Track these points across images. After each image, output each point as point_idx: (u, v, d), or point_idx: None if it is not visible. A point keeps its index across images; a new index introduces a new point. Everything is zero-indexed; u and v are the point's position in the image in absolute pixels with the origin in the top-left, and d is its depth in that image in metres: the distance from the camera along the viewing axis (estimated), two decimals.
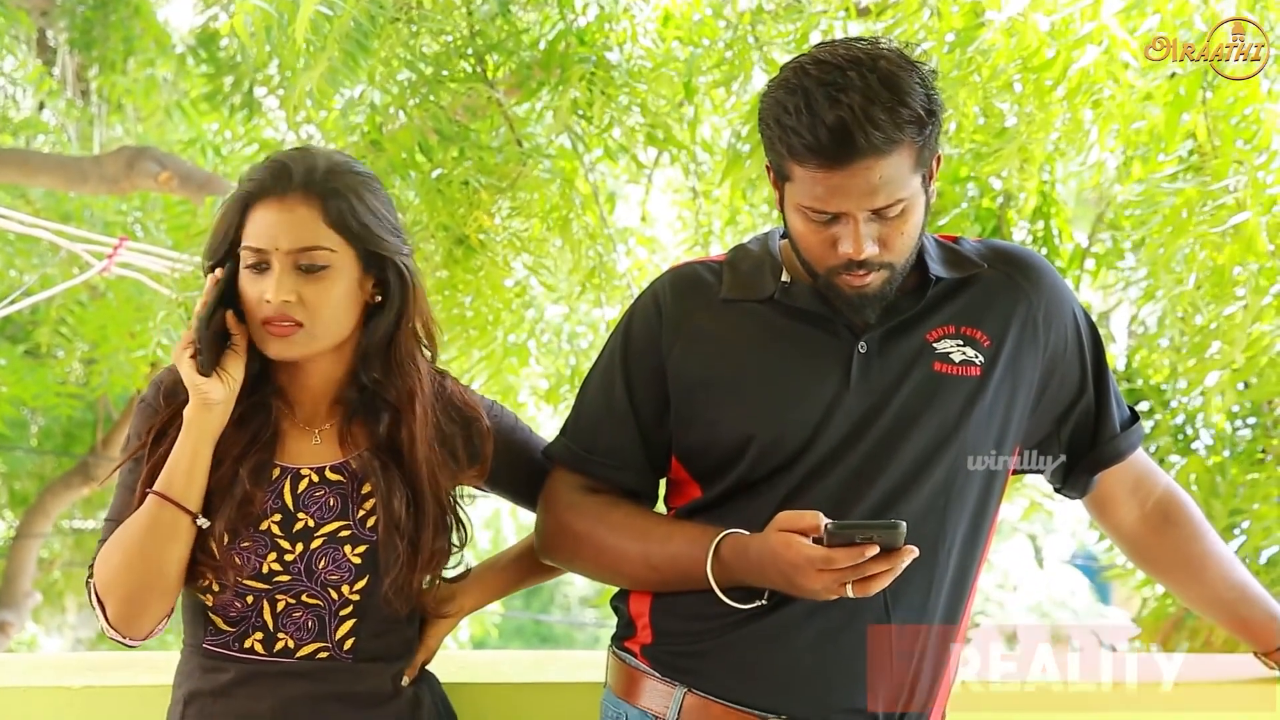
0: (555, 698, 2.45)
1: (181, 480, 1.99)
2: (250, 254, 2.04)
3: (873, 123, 1.90)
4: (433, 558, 2.09)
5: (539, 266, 4.44)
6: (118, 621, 2.01)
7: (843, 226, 1.96)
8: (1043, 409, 2.14)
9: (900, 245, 1.99)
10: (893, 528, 1.84)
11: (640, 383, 2.12)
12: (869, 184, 1.93)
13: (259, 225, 2.03)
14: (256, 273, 2.03)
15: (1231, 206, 3.63)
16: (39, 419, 9.33)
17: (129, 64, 7.67)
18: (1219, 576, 2.33)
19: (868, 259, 1.97)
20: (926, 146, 1.97)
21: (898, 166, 1.94)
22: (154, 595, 1.99)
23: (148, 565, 1.98)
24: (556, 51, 4.23)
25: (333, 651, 2.06)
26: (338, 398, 2.11)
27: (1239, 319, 3.74)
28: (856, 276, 1.99)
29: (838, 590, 1.90)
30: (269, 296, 2.01)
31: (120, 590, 1.99)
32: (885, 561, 1.86)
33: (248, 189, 2.05)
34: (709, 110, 4.90)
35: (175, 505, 1.98)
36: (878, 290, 2.01)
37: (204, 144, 7.77)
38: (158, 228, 7.38)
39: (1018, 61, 3.56)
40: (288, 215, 2.03)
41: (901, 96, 1.92)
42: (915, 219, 1.99)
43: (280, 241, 2.02)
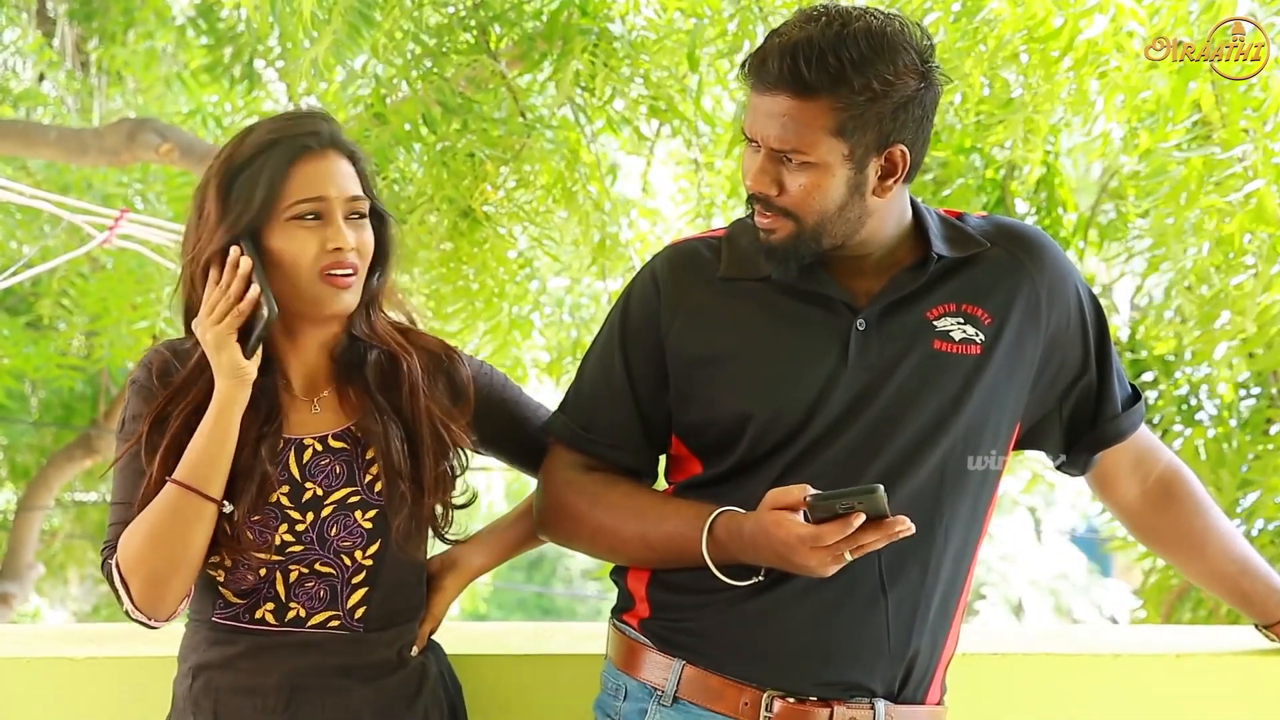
0: (557, 669, 2.45)
1: (208, 467, 1.97)
2: (306, 205, 2.02)
3: (797, 62, 1.91)
4: (437, 482, 2.09)
5: (543, 238, 4.44)
6: (142, 603, 2.01)
7: (756, 156, 1.99)
8: (1044, 387, 2.13)
9: (799, 198, 1.97)
10: (871, 492, 1.83)
11: (639, 360, 2.11)
12: (775, 116, 1.94)
13: (312, 177, 2.02)
14: (307, 224, 2.02)
15: (1241, 175, 3.61)
16: (40, 391, 9.33)
17: (129, 35, 7.66)
18: (1220, 551, 2.33)
19: (765, 197, 1.98)
20: (858, 121, 1.93)
21: (809, 118, 1.93)
22: (178, 577, 2.00)
23: (173, 551, 1.98)
24: (559, 23, 4.21)
25: (344, 620, 2.06)
26: (333, 360, 2.11)
27: (1249, 288, 3.73)
28: (762, 216, 2.01)
29: (835, 564, 1.89)
30: (338, 242, 2.01)
31: (145, 573, 1.99)
32: (875, 531, 1.85)
33: (295, 139, 2.02)
34: (712, 81, 4.88)
35: (200, 495, 1.97)
36: (784, 241, 2.00)
37: (204, 116, 7.76)
38: (158, 199, 7.37)
39: (1024, 31, 3.54)
40: (335, 166, 2.04)
41: (846, 54, 1.91)
42: (824, 185, 1.97)
43: (339, 189, 2.03)
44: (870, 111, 1.93)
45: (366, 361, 2.11)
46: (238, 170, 2.03)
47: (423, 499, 2.07)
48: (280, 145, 2.03)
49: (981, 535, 2.11)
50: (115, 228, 5.88)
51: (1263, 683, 2.53)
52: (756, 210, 2.01)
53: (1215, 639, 2.68)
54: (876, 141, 1.96)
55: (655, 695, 2.06)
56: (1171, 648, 2.60)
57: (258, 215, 2.01)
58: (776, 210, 1.99)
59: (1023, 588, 14.63)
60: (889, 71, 1.93)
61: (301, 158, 2.03)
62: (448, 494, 2.12)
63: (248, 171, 2.02)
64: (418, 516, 2.07)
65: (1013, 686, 2.52)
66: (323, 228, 2.02)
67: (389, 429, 2.07)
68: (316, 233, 2.02)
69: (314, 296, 2.04)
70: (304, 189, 2.02)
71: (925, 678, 2.07)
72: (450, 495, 2.13)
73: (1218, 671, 2.54)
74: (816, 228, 1.99)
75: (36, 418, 9.63)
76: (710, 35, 4.30)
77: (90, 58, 7.96)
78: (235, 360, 1.96)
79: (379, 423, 2.07)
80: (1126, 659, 2.55)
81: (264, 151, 2.03)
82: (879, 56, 1.92)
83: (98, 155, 6.86)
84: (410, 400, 2.09)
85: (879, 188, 2.00)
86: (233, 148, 2.05)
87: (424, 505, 2.08)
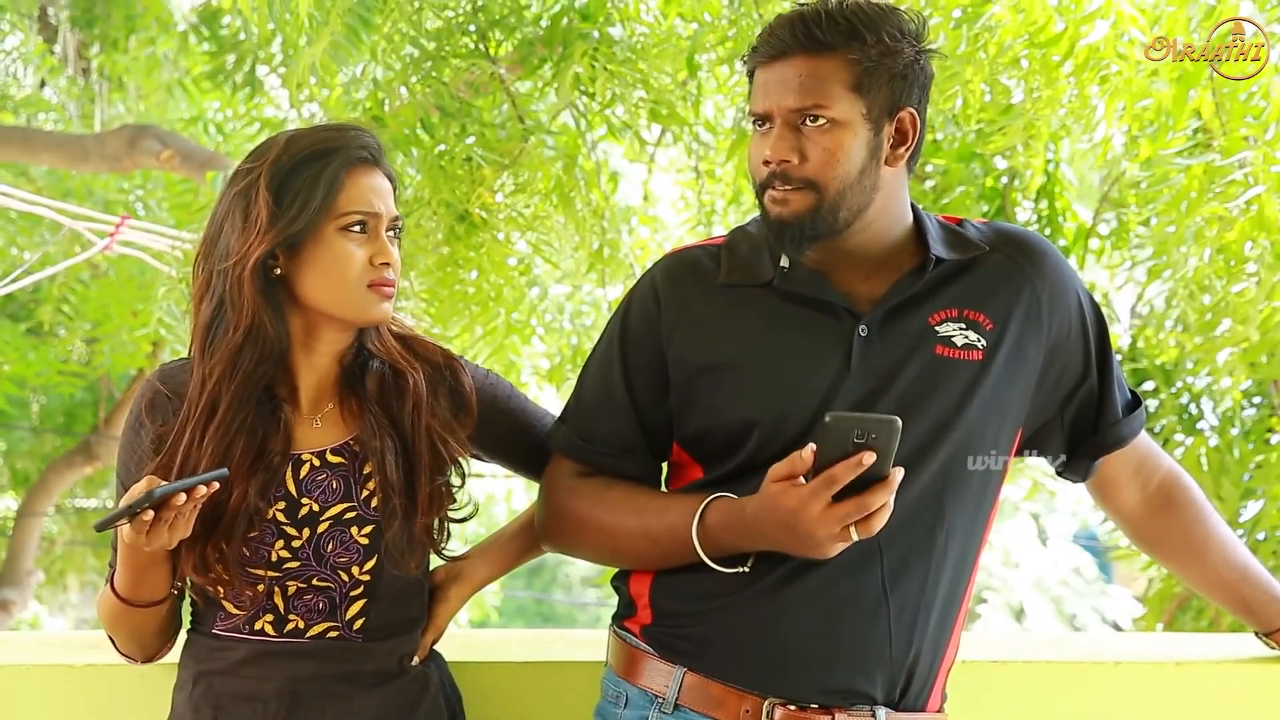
0: (557, 676, 2.45)
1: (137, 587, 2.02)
2: (358, 217, 2.03)
3: (808, 25, 1.96)
4: (431, 500, 2.08)
5: (542, 244, 4.43)
6: (126, 651, 2.16)
7: (769, 135, 2.00)
8: (1045, 393, 2.12)
9: (823, 164, 1.98)
10: (889, 422, 1.82)
11: (639, 370, 2.11)
12: (793, 78, 1.97)
13: (365, 190, 2.04)
14: (356, 235, 2.03)
15: (1242, 183, 3.61)
16: (41, 398, 9.34)
17: (130, 42, 7.67)
18: (1221, 559, 2.32)
19: (786, 170, 1.98)
20: (873, 75, 1.97)
21: (828, 73, 1.96)
22: (153, 640, 2.13)
23: (137, 633, 2.11)
24: (559, 28, 4.21)
25: (342, 631, 2.06)
26: (338, 372, 2.10)
27: (1250, 295, 3.73)
28: (779, 191, 2.00)
29: (841, 535, 1.87)
30: (386, 258, 2.03)
31: (120, 639, 2.14)
32: (881, 490, 1.84)
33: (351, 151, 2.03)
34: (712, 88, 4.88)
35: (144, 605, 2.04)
36: (800, 215, 1.99)
37: (205, 122, 7.77)
38: (159, 206, 7.38)
39: (1024, 37, 3.54)
40: (382, 183, 2.07)
41: (854, 16, 1.97)
42: (846, 145, 1.98)
43: (386, 206, 2.06)
44: (882, 68, 1.97)
45: (369, 371, 2.10)
46: (289, 173, 2.01)
47: (415, 515, 2.06)
48: (336, 153, 2.03)
49: (983, 542, 2.11)
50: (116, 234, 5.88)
51: (1263, 690, 2.53)
52: (773, 187, 2.01)
53: (1216, 646, 2.67)
54: (889, 102, 1.99)
55: (656, 702, 2.06)
56: (1172, 655, 2.59)
57: (314, 219, 2.01)
58: (796, 181, 1.99)
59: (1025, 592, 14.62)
60: (895, 30, 1.98)
61: (357, 168, 2.04)
62: (443, 510, 2.11)
63: (303, 175, 2.01)
64: (410, 532, 2.06)
65: (1013, 694, 2.52)
66: (370, 241, 2.04)
67: (386, 443, 2.06)
68: (365, 246, 2.03)
69: (358, 304, 2.04)
70: (357, 201, 2.03)
71: (926, 685, 2.06)
72: (446, 512, 2.12)
73: (1218, 679, 2.54)
74: (836, 197, 1.99)
75: (37, 424, 9.63)
76: (710, 41, 4.30)
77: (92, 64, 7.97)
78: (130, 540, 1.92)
79: (377, 437, 2.07)
80: (1127, 666, 2.55)
81: (319, 158, 2.02)
82: (883, 18, 1.98)
83: (99, 161, 6.88)
84: (411, 415, 2.08)
85: (891, 155, 2.02)
86: (278, 151, 2.02)
87: (416, 522, 2.06)
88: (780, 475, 1.89)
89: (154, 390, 2.06)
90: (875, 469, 1.83)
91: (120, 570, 2.00)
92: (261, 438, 2.02)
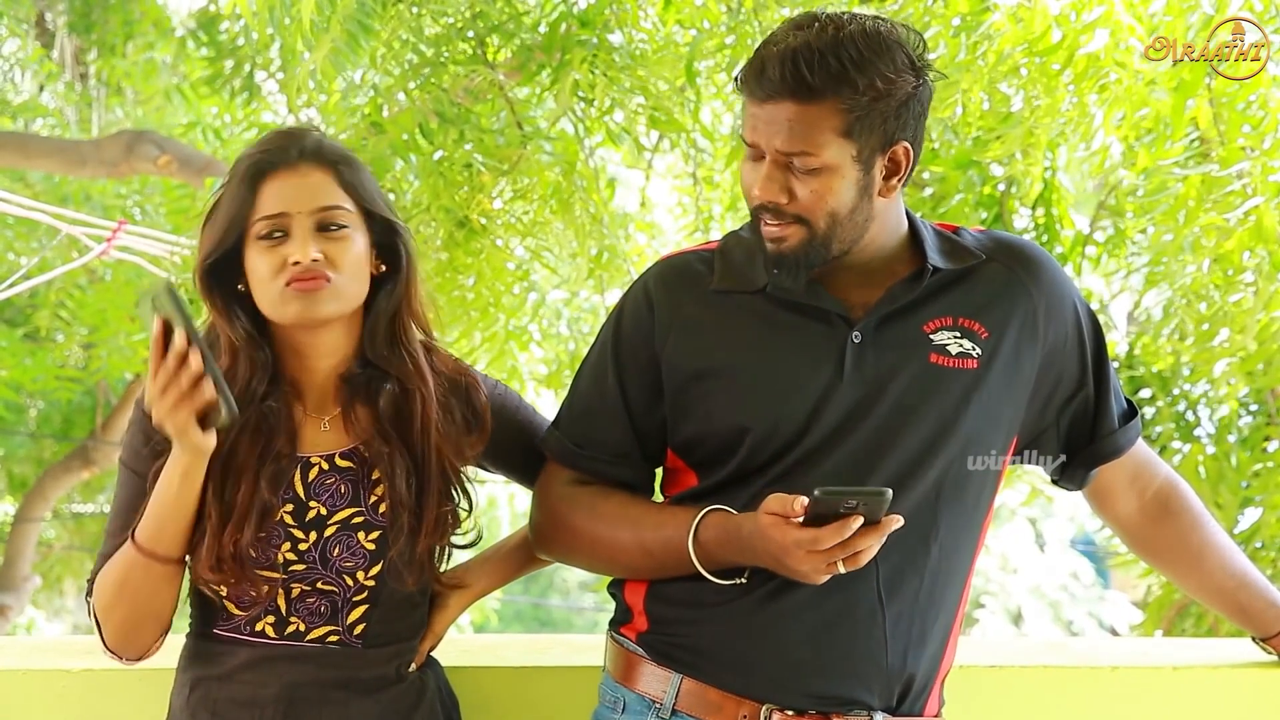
0: (555, 681, 2.45)
1: (171, 530, 1.97)
2: (266, 224, 2.01)
3: (797, 64, 1.91)
4: (437, 524, 2.07)
5: (540, 250, 4.44)
6: (114, 645, 2.04)
7: (760, 166, 1.98)
8: (1041, 402, 2.12)
9: (812, 204, 1.96)
10: (879, 494, 1.82)
11: (633, 376, 2.10)
12: (781, 123, 1.93)
13: (274, 194, 2.02)
14: (272, 243, 2.01)
15: (1240, 193, 3.62)
16: (38, 403, 9.33)
17: (128, 47, 7.67)
18: (1218, 565, 2.32)
19: (776, 206, 1.97)
20: (864, 120, 1.93)
21: (817, 120, 1.92)
22: (148, 625, 2.03)
23: (138, 605, 2.01)
24: (558, 34, 4.21)
25: (343, 636, 2.05)
26: (343, 378, 2.10)
27: (1247, 305, 3.74)
28: (770, 225, 1.99)
29: (827, 570, 1.89)
30: (296, 256, 1.99)
31: (114, 621, 2.03)
32: (871, 535, 1.85)
33: (257, 160, 2.03)
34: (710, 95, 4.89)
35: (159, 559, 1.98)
36: (795, 249, 1.98)
37: (203, 128, 7.77)
38: (156, 211, 7.39)
39: (1024, 46, 3.55)
40: (304, 180, 2.03)
41: (846, 56, 1.91)
42: (836, 188, 1.96)
43: (300, 204, 2.01)
44: (874, 111, 1.94)
45: (381, 391, 2.08)
46: (219, 195, 2.06)
47: (420, 536, 2.06)
48: (239, 168, 2.04)
49: (978, 548, 2.11)
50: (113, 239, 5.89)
51: (1260, 695, 2.53)
52: (764, 220, 2.00)
53: (1213, 652, 2.68)
54: (881, 141, 1.96)
55: (654, 708, 2.05)
56: (1169, 660, 2.59)
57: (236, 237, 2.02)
58: (787, 217, 1.98)
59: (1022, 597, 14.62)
60: (889, 70, 1.93)
61: (267, 178, 2.03)
62: (445, 538, 2.10)
63: (224, 196, 2.05)
64: (414, 550, 2.06)
65: (1011, 698, 2.52)
66: (283, 245, 2.01)
67: (396, 458, 2.06)
68: (277, 251, 2.01)
69: (276, 305, 2.02)
70: (267, 207, 2.02)
71: (924, 691, 2.06)
72: (448, 539, 2.11)
73: (1215, 684, 2.54)
74: (827, 232, 1.98)
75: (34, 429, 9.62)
76: (709, 48, 4.30)
77: (89, 69, 7.97)
78: (197, 443, 1.91)
79: (387, 447, 2.06)
80: (1124, 671, 2.55)
81: (232, 176, 2.04)
82: (877, 56, 1.93)
83: (96, 167, 6.88)
84: (421, 437, 2.07)
85: (884, 188, 2.00)
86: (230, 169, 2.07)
87: (420, 542, 2.06)
88: (773, 510, 1.89)
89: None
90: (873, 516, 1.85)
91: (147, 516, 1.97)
92: (268, 434, 2.03)
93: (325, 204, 2.03)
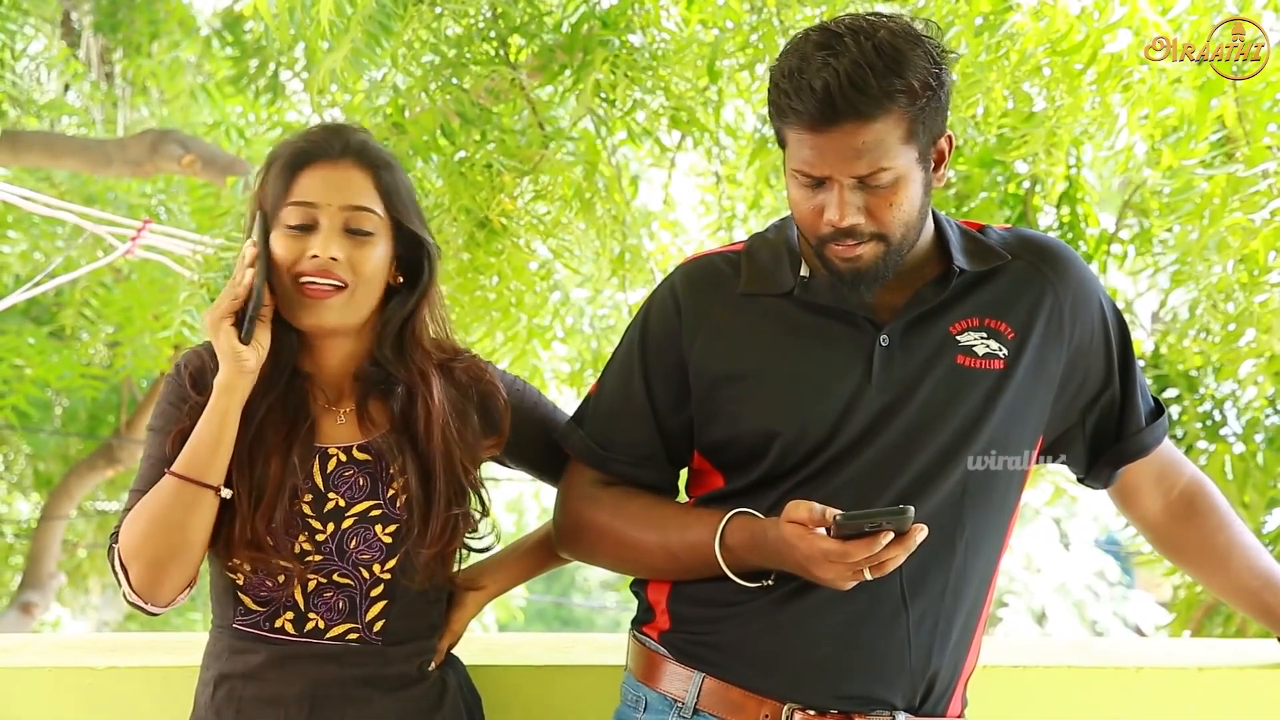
0: (577, 680, 2.45)
1: (206, 455, 1.97)
2: (297, 211, 2.02)
3: (857, 86, 1.89)
4: (443, 530, 2.07)
5: (562, 249, 4.44)
6: (140, 587, 2.00)
7: (829, 193, 1.94)
8: (1067, 401, 2.12)
9: (890, 217, 1.96)
10: (900, 513, 1.82)
11: (659, 378, 2.11)
12: (852, 148, 1.91)
13: (310, 183, 2.03)
14: (300, 233, 2.02)
15: (1265, 193, 3.60)
16: (63, 401, 9.37)
17: (154, 47, 7.70)
18: (1244, 565, 2.31)
19: (853, 228, 1.95)
20: (922, 120, 1.94)
21: (885, 134, 1.91)
22: (177, 563, 1.98)
23: (171, 537, 1.97)
24: (580, 34, 4.21)
25: (362, 633, 2.06)
26: (357, 375, 2.11)
27: (1274, 306, 3.72)
28: (845, 246, 1.96)
29: (854, 578, 1.89)
30: (317, 249, 2.00)
31: (144, 558, 1.98)
32: (898, 546, 1.85)
33: (300, 148, 2.04)
34: (733, 94, 4.88)
35: (196, 483, 1.97)
36: (871, 264, 1.97)
37: (228, 127, 7.79)
38: (181, 210, 7.41)
39: (1046, 45, 3.53)
40: (341, 175, 2.04)
41: (893, 63, 1.90)
42: (908, 193, 1.96)
43: (333, 198, 2.02)
44: (928, 108, 1.94)
45: (393, 393, 2.09)
46: (262, 177, 2.07)
47: (425, 544, 2.06)
48: (281, 155, 2.05)
49: (1003, 549, 2.11)
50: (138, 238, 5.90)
51: None
52: (839, 244, 1.96)
53: (1238, 652, 2.67)
54: (934, 136, 1.97)
55: (675, 707, 2.06)
56: (1194, 661, 2.58)
57: (269, 219, 2.03)
58: (865, 236, 1.96)
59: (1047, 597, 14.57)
60: (928, 63, 1.93)
61: (306, 167, 2.04)
62: (454, 544, 2.10)
63: (268, 173, 2.06)
64: (418, 556, 2.06)
65: (1035, 698, 2.51)
66: (308, 237, 2.02)
67: (408, 464, 2.06)
68: (300, 242, 2.02)
69: (290, 306, 2.03)
70: (299, 194, 2.03)
71: (947, 691, 2.06)
72: (458, 545, 2.12)
73: (1241, 684, 2.53)
74: (902, 240, 1.98)
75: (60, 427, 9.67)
76: (732, 48, 4.30)
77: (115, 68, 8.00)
78: (231, 344, 1.96)
79: (399, 449, 2.07)
80: (1149, 672, 2.54)
81: (274, 161, 2.06)
82: (916, 56, 1.92)
83: (121, 166, 6.90)
84: (427, 444, 2.07)
85: (934, 179, 2.01)
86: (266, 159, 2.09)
87: (426, 551, 2.06)
88: (798, 519, 1.89)
89: (200, 361, 2.07)
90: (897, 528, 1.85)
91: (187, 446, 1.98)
92: (293, 417, 2.04)
93: (356, 203, 2.03)
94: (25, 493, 10.87)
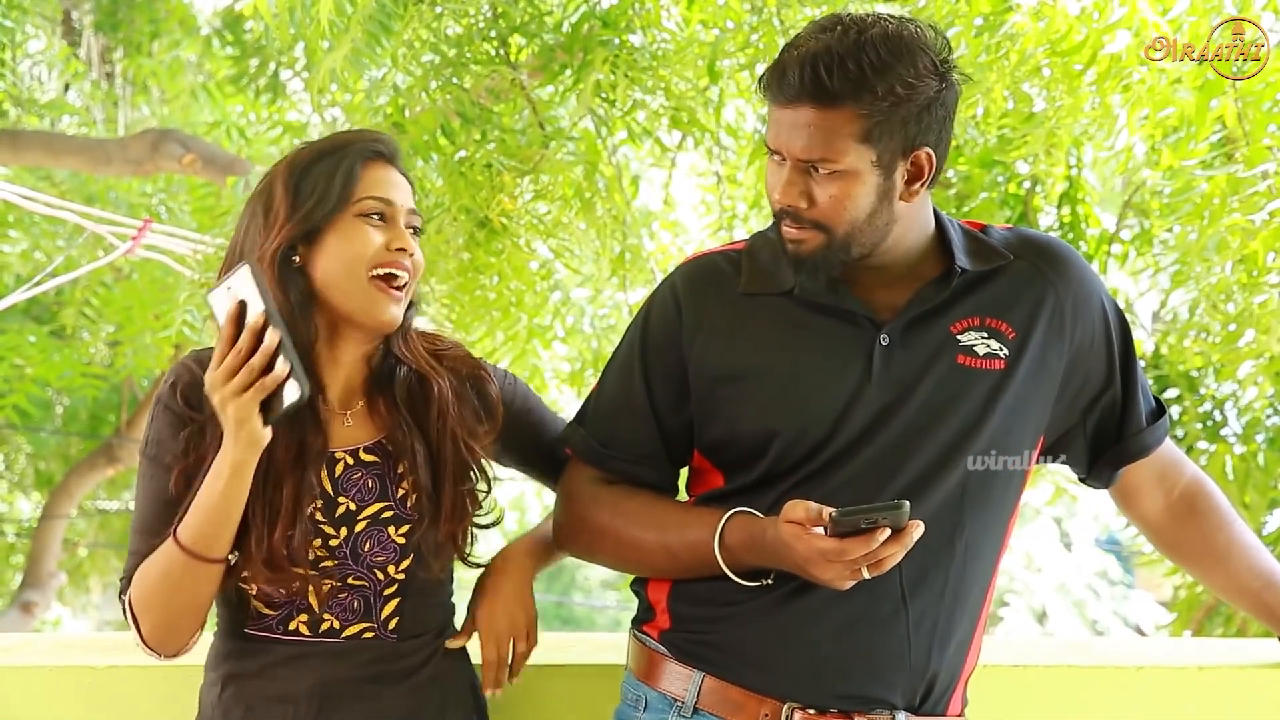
0: (577, 679, 2.45)
1: (214, 531, 1.93)
2: (376, 203, 2.04)
3: (819, 72, 1.90)
4: (455, 507, 2.07)
5: (562, 249, 4.44)
6: (152, 641, 2.02)
7: (781, 169, 1.98)
8: (1068, 401, 2.12)
9: (830, 210, 1.96)
10: (897, 508, 1.82)
11: (659, 377, 2.11)
12: (798, 126, 1.93)
13: (381, 181, 2.05)
14: (374, 222, 2.04)
15: (1265, 194, 3.60)
16: (64, 400, 9.38)
17: (154, 46, 7.70)
18: (1245, 565, 2.31)
19: (795, 210, 1.97)
20: (885, 125, 1.93)
21: (838, 126, 1.92)
22: (187, 621, 2.00)
23: (181, 603, 1.98)
24: (580, 34, 4.21)
25: (378, 631, 2.06)
26: (365, 374, 2.11)
27: (1273, 307, 3.72)
28: (790, 228, 1.99)
29: (853, 578, 1.89)
30: (402, 243, 2.03)
31: (154, 615, 1.99)
32: (895, 543, 1.84)
33: (370, 144, 2.06)
34: (733, 94, 4.88)
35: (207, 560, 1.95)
36: (812, 253, 1.98)
37: (228, 126, 7.80)
38: (182, 210, 7.41)
39: (1046, 45, 3.54)
40: (400, 178, 2.09)
41: (868, 61, 1.90)
42: (855, 193, 1.95)
43: (401, 199, 2.07)
44: (895, 116, 1.93)
45: (396, 377, 2.10)
46: (305, 168, 2.04)
47: (439, 521, 2.06)
48: (352, 147, 2.06)
49: (1003, 548, 2.11)
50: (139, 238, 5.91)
51: None
52: (785, 223, 2.00)
53: (1239, 652, 2.67)
54: (902, 146, 1.95)
55: (675, 706, 2.06)
56: (1195, 660, 2.58)
57: (333, 208, 2.02)
58: (806, 223, 1.98)
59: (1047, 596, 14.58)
60: (910, 75, 1.92)
61: (373, 160, 2.06)
62: (465, 520, 2.10)
63: (319, 168, 2.04)
64: (436, 535, 2.07)
65: (1035, 698, 2.51)
66: (388, 229, 2.05)
67: (415, 446, 2.07)
68: (382, 231, 2.04)
69: (364, 302, 2.03)
70: (374, 188, 2.04)
71: (947, 690, 2.06)
72: (469, 521, 2.12)
73: (1241, 684, 2.53)
74: (846, 237, 1.98)
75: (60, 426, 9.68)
76: (732, 48, 4.30)
77: (115, 68, 8.00)
78: (256, 434, 1.88)
79: (408, 438, 2.07)
80: (1149, 671, 2.54)
81: (335, 151, 2.05)
82: (898, 60, 1.92)
83: (121, 165, 6.90)
84: (438, 422, 2.08)
85: (905, 193, 1.99)
86: (295, 153, 2.08)
87: (441, 529, 2.06)
88: (795, 519, 1.89)
89: (190, 375, 2.03)
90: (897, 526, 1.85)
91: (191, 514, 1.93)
92: (302, 429, 2.01)
93: (413, 206, 2.09)
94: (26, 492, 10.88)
